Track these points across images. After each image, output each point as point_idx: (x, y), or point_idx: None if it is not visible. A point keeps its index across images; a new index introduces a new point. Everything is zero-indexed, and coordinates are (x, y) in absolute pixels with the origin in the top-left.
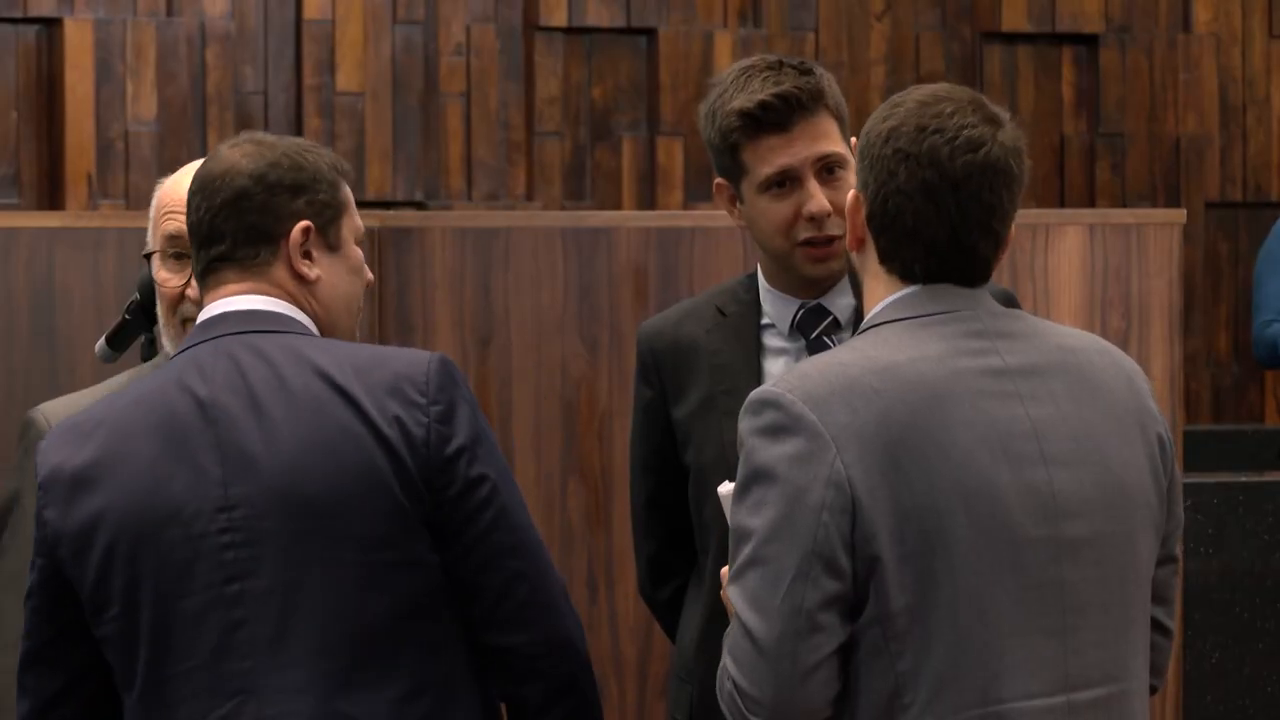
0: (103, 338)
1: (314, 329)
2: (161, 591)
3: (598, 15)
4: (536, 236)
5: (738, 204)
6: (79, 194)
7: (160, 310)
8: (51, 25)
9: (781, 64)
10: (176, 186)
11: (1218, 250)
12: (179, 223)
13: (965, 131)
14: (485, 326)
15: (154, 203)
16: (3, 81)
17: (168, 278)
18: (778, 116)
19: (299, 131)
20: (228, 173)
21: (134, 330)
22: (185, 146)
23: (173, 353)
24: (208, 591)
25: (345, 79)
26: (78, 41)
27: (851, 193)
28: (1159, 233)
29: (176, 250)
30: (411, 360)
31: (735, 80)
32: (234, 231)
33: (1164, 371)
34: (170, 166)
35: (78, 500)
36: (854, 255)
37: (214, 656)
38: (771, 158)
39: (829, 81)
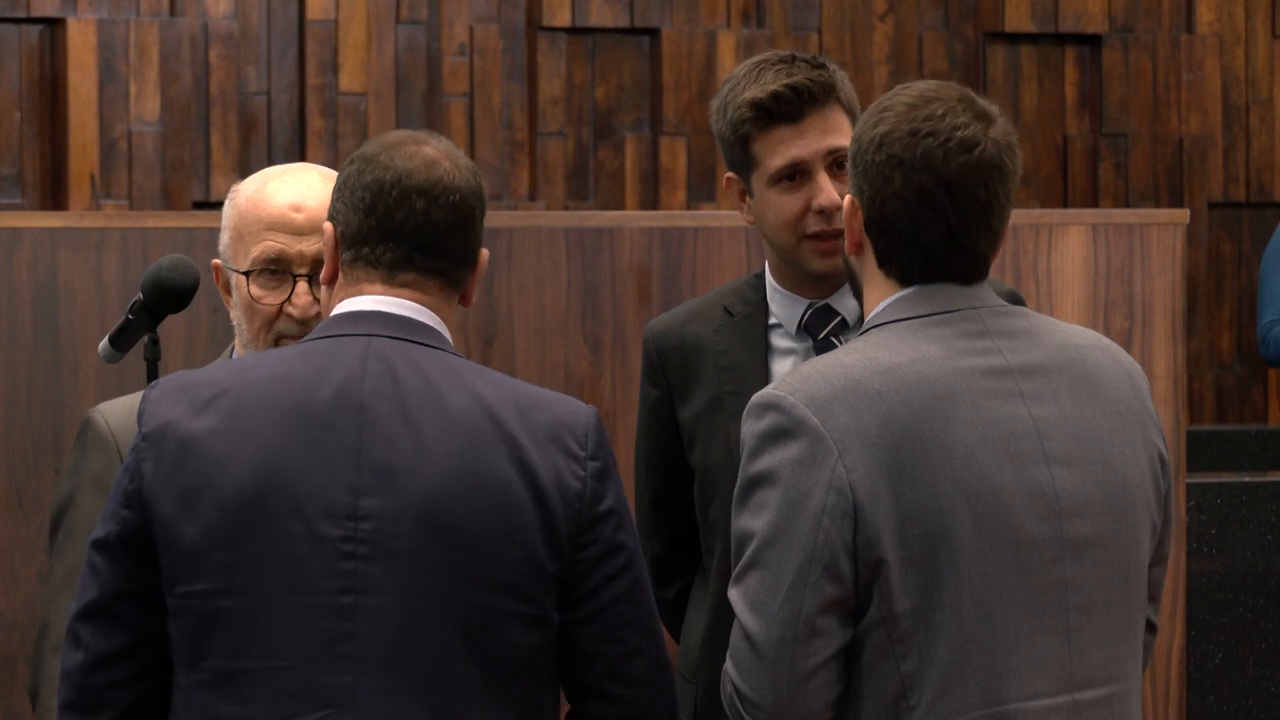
0: (106, 338)
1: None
2: (261, 582)
3: (601, 15)
4: (540, 236)
5: (748, 198)
6: (82, 194)
7: (251, 328)
8: (54, 25)
9: (794, 58)
10: (268, 200)
11: (1221, 250)
12: (280, 244)
13: (958, 133)
14: (488, 326)
15: (237, 213)
16: (6, 81)
17: (263, 294)
18: (789, 108)
19: (302, 132)
20: (457, 186)
21: (137, 330)
22: (188, 147)
23: None
24: (316, 595)
25: (348, 79)
26: (81, 41)
27: (847, 198)
28: (1162, 233)
29: (273, 269)
30: (572, 409)
31: (748, 74)
32: (458, 252)
33: (1167, 372)
34: (173, 167)
35: (186, 463)
36: (852, 259)
37: (309, 662)
38: (782, 149)
39: (841, 77)
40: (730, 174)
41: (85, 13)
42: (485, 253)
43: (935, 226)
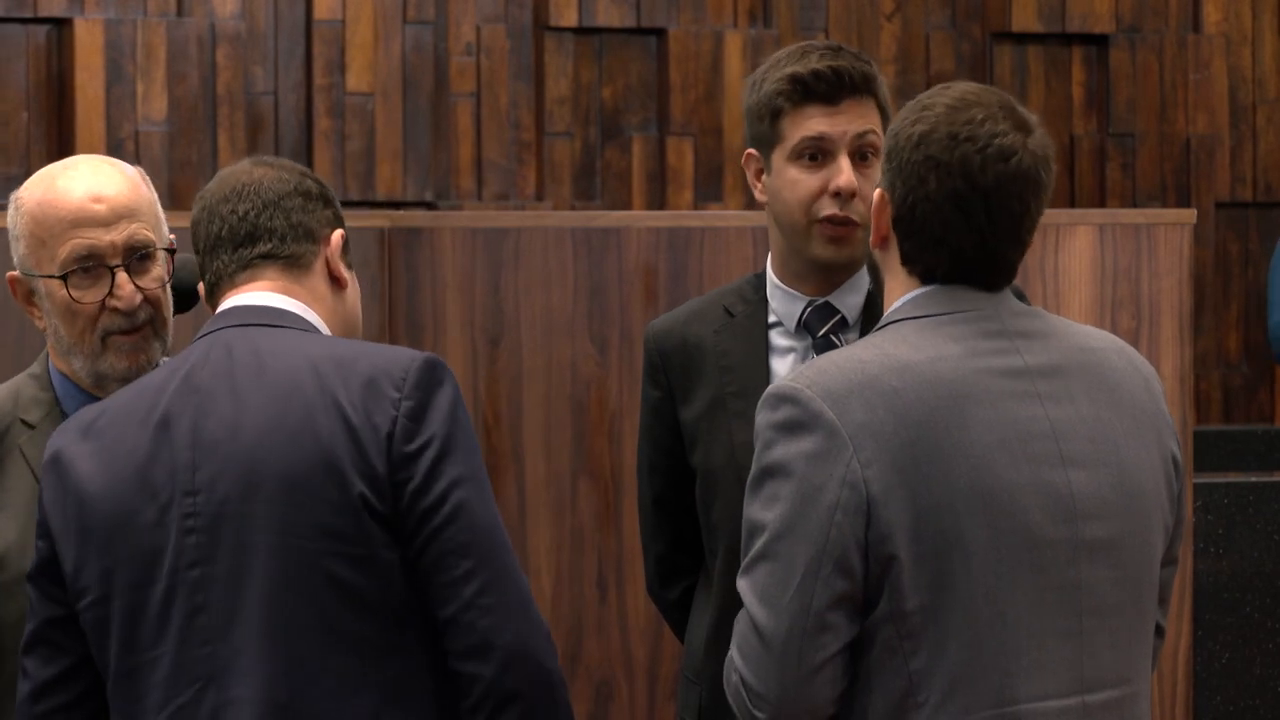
0: None
1: (325, 330)
2: (132, 578)
3: (608, 15)
4: (546, 236)
5: (764, 176)
6: None
7: (72, 332)
8: (62, 25)
9: (840, 49)
10: (63, 197)
11: (1228, 250)
12: (89, 239)
13: (997, 140)
14: (495, 326)
15: (30, 218)
16: (13, 81)
17: (82, 294)
18: (828, 89)
19: (309, 132)
20: (260, 180)
21: None
22: (195, 147)
23: (85, 374)
24: (173, 577)
25: (355, 79)
26: (88, 41)
27: (877, 191)
28: (1169, 233)
29: (87, 266)
30: (396, 357)
31: (791, 54)
32: (282, 229)
33: (1174, 372)
34: (180, 167)
35: (69, 486)
36: (876, 252)
37: (179, 643)
38: (811, 125)
39: (882, 79)
40: (751, 150)
41: (92, 13)
42: (339, 232)
43: (965, 233)
